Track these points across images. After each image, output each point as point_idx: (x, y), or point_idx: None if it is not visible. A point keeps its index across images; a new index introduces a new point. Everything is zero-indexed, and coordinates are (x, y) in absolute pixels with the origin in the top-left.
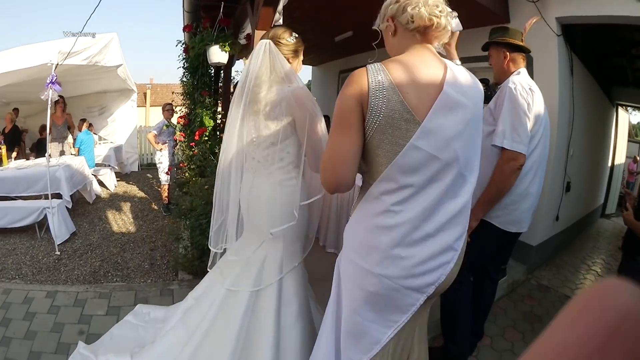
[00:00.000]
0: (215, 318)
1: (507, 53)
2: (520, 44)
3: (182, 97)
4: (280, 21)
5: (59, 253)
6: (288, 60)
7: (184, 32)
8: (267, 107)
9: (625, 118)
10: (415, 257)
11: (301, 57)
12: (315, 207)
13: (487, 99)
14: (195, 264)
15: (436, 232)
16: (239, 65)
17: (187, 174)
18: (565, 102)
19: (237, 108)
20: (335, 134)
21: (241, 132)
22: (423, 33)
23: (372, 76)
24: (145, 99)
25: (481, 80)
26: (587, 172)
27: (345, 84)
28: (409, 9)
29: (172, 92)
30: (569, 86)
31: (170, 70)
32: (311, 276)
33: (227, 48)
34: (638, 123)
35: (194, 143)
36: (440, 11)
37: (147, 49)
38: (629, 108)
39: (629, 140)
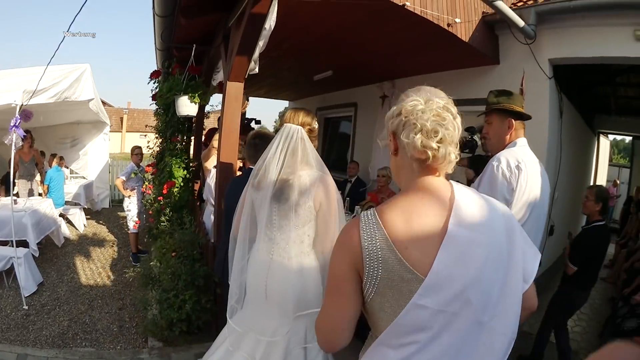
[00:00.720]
0: None
1: (513, 122)
2: (523, 111)
3: (155, 132)
4: (256, 70)
5: (27, 308)
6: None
7: (150, 78)
8: (302, 189)
9: (606, 144)
10: None
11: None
12: None
13: (472, 148)
14: (165, 333)
15: None
16: (215, 99)
17: (154, 231)
18: (553, 147)
19: (266, 179)
20: (330, 300)
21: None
22: (421, 164)
23: (365, 234)
24: (122, 124)
25: (467, 129)
26: (569, 210)
27: (337, 242)
28: (405, 131)
29: (146, 126)
30: (558, 129)
31: (149, 93)
32: None
33: (197, 99)
34: (613, 140)
35: (161, 197)
36: (439, 140)
37: (125, 70)
38: (609, 135)
39: (609, 165)
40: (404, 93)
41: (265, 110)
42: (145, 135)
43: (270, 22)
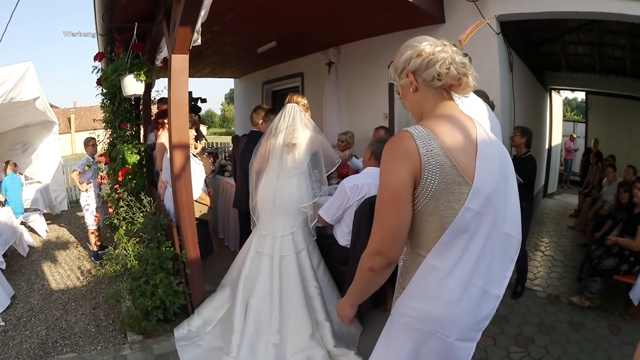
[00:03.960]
0: (280, 278)
1: None
2: None
3: (103, 124)
4: (199, 41)
5: (3, 324)
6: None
7: (94, 60)
8: (301, 142)
9: (559, 100)
10: (477, 315)
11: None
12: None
13: None
14: (143, 324)
15: (491, 286)
16: (159, 84)
17: (115, 221)
18: (506, 99)
19: (275, 140)
20: (389, 211)
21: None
22: (448, 90)
23: (422, 143)
24: (70, 124)
25: None
26: None
27: (390, 154)
28: (436, 66)
29: (94, 120)
30: (509, 83)
31: (94, 91)
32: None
33: (143, 77)
34: (565, 99)
35: (118, 185)
36: (468, 69)
37: (68, 70)
38: (560, 90)
39: (564, 120)
40: (404, 46)
41: (210, 90)
42: (93, 134)
43: None
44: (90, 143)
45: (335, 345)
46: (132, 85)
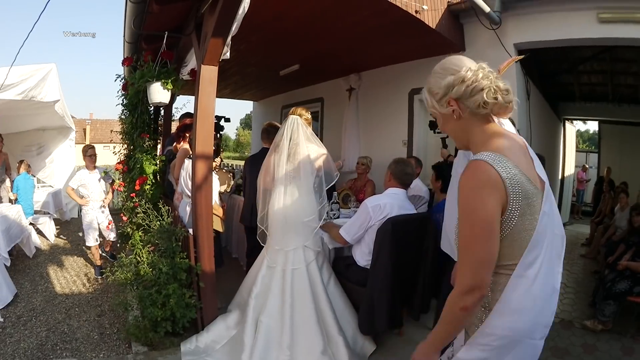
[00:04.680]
0: (292, 292)
1: None
2: None
3: (120, 136)
4: (228, 54)
5: (2, 320)
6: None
7: (123, 65)
8: (305, 156)
9: (572, 130)
10: (550, 311)
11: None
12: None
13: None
14: (150, 335)
15: (556, 282)
16: (179, 101)
17: (128, 229)
18: (522, 126)
19: (278, 155)
20: (482, 246)
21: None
22: (489, 117)
23: (501, 168)
24: (85, 136)
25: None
26: None
27: (474, 185)
28: (483, 94)
29: (111, 131)
30: (526, 110)
31: (110, 104)
32: None
33: (170, 86)
34: (578, 131)
35: (134, 194)
36: (512, 96)
37: (86, 81)
38: (574, 121)
39: (577, 151)
40: (440, 69)
41: (226, 114)
42: (108, 147)
43: (245, 4)
44: (88, 153)
45: (349, 358)
46: (159, 93)
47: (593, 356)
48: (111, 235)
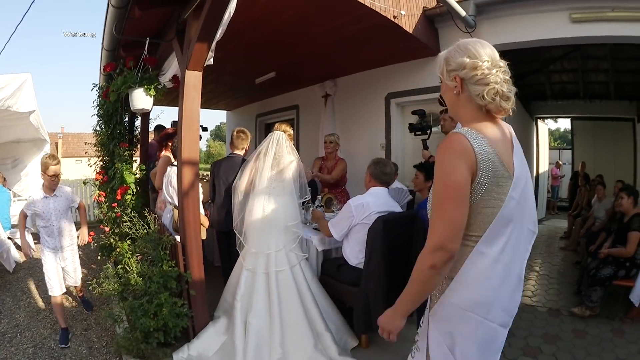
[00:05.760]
0: (278, 293)
1: None
2: None
3: (95, 148)
4: (212, 60)
5: None
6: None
7: (103, 72)
8: (288, 166)
9: (544, 129)
10: (514, 300)
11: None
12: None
13: (424, 130)
14: (141, 346)
15: (521, 271)
16: (153, 112)
17: (111, 240)
18: None
19: (262, 162)
20: (453, 206)
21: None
22: (487, 110)
23: (475, 142)
24: (58, 149)
25: (416, 112)
26: None
27: (449, 153)
28: (485, 88)
29: (85, 143)
30: None
31: (81, 118)
32: None
33: (152, 92)
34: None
35: (116, 204)
36: (511, 104)
37: (56, 93)
38: (546, 119)
39: (550, 148)
40: (461, 43)
41: (202, 121)
42: (81, 161)
43: (230, 9)
44: (54, 162)
45: (339, 353)
46: (141, 100)
47: (584, 340)
48: (78, 278)
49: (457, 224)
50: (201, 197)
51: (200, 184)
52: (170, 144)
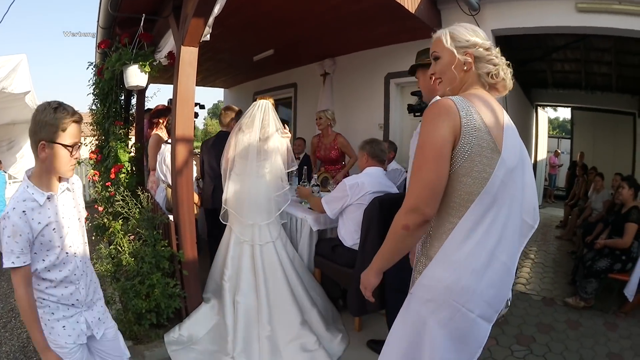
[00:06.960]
0: (263, 268)
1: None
2: None
3: (91, 127)
4: (208, 37)
5: None
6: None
7: (97, 49)
8: (273, 138)
9: (544, 117)
10: (499, 291)
11: None
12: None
13: (423, 111)
14: (134, 328)
15: (511, 264)
16: (149, 90)
17: (105, 219)
18: None
19: (249, 134)
20: (430, 167)
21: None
22: (490, 87)
23: (462, 107)
24: None
25: (415, 93)
26: None
27: (433, 114)
28: (497, 67)
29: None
30: (502, 97)
31: (78, 96)
32: None
33: (147, 68)
34: (549, 119)
35: (109, 182)
36: (509, 85)
37: (52, 73)
38: (546, 107)
39: (549, 137)
40: (466, 25)
41: (198, 100)
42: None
43: None
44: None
45: (326, 328)
46: (136, 76)
47: (578, 332)
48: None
49: (433, 187)
50: (194, 174)
51: (194, 162)
52: (161, 121)
